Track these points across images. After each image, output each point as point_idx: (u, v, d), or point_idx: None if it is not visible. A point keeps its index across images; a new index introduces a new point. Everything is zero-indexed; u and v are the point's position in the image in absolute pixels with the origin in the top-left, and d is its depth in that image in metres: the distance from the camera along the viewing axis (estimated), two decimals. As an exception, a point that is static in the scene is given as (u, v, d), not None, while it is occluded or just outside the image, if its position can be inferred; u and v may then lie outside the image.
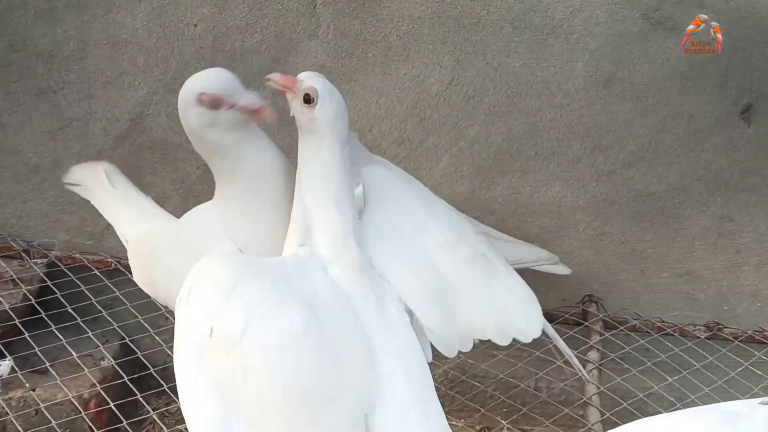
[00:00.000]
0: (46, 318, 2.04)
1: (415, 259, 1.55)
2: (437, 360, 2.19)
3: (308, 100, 1.46)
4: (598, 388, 1.99)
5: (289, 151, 1.94)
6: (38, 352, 1.95)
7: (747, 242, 2.27)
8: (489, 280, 1.58)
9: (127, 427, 1.81)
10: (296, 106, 1.48)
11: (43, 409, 1.86)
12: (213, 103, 1.48)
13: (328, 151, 1.47)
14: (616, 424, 1.44)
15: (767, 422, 1.14)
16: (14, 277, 2.17)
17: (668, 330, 2.24)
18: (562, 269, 2.18)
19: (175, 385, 1.36)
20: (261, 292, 1.33)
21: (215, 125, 1.51)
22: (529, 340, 1.62)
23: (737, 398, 2.04)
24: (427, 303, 1.52)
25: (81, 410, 1.88)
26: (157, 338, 2.04)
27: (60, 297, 2.11)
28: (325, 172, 1.47)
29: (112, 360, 2.03)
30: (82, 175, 2.00)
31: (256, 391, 1.27)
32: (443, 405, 2.13)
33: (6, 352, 1.96)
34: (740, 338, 2.22)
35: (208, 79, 1.51)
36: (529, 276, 2.28)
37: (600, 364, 2.07)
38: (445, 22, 2.15)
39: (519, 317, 1.61)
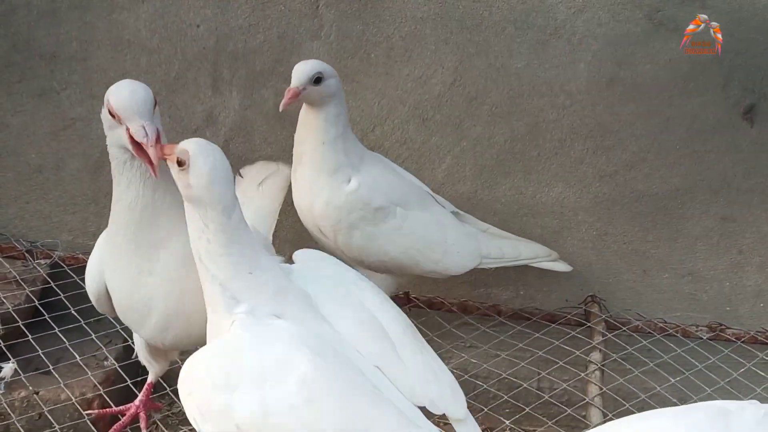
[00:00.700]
0: (49, 320, 2.04)
1: (353, 305, 1.49)
2: (440, 359, 2.21)
3: (181, 163, 1.34)
4: (601, 388, 1.99)
5: (290, 151, 1.96)
6: (41, 355, 1.95)
7: (750, 243, 2.27)
8: (420, 347, 1.52)
9: (129, 430, 1.81)
10: (175, 174, 1.36)
11: (46, 413, 1.86)
12: (112, 114, 1.44)
13: (214, 223, 1.34)
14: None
15: (756, 420, 1.15)
16: (18, 277, 2.17)
17: (671, 330, 2.24)
18: (562, 266, 2.19)
19: (177, 388, 1.37)
20: (256, 360, 1.31)
21: (113, 132, 1.47)
22: (455, 417, 1.51)
23: (740, 399, 2.04)
24: (370, 340, 1.45)
25: (83, 413, 1.88)
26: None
27: (63, 298, 2.11)
28: (224, 248, 1.35)
29: (115, 363, 2.03)
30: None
31: None
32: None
33: (9, 355, 1.97)
34: (743, 339, 2.22)
35: (118, 92, 1.45)
36: (532, 276, 2.31)
37: (602, 365, 2.07)
38: (448, 23, 2.15)
39: (446, 392, 1.49)
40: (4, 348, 1.97)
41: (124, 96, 1.43)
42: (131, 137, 1.41)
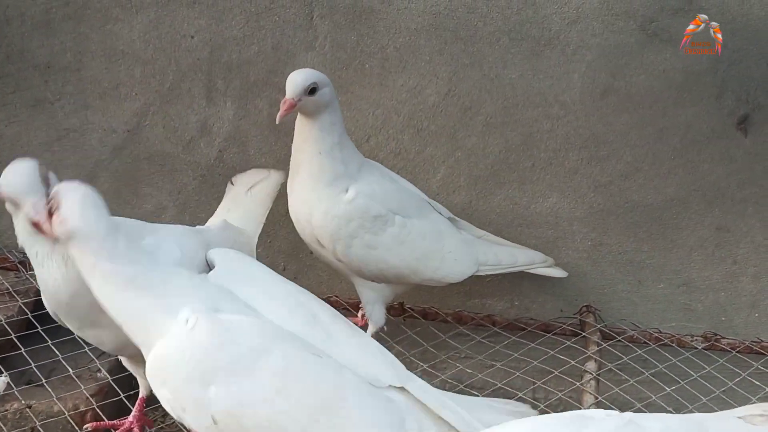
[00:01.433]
0: (42, 332, 2.03)
1: (278, 294, 1.53)
2: (435, 369, 2.21)
3: (52, 210, 1.35)
4: (596, 398, 1.99)
5: (285, 161, 1.96)
6: (34, 367, 1.94)
7: (744, 253, 2.27)
8: (353, 332, 1.55)
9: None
10: (51, 230, 1.37)
11: (38, 426, 1.85)
12: (11, 202, 1.48)
13: (104, 250, 1.33)
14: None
15: (617, 427, 1.15)
16: (10, 289, 2.16)
17: (666, 340, 2.24)
18: (557, 272, 2.18)
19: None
20: (226, 355, 1.36)
21: (20, 221, 1.52)
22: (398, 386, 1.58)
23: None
24: (303, 326, 1.48)
25: (76, 426, 1.87)
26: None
27: (56, 309, 2.10)
28: (121, 278, 1.35)
29: (108, 376, 2.02)
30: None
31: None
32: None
33: (2, 367, 1.96)
34: (738, 349, 2.21)
35: (5, 178, 1.49)
36: (527, 286, 2.31)
37: (598, 375, 2.06)
38: (442, 33, 2.15)
39: (388, 366, 1.53)
40: (-4, 360, 1.96)
41: (10, 179, 1.48)
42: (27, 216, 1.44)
